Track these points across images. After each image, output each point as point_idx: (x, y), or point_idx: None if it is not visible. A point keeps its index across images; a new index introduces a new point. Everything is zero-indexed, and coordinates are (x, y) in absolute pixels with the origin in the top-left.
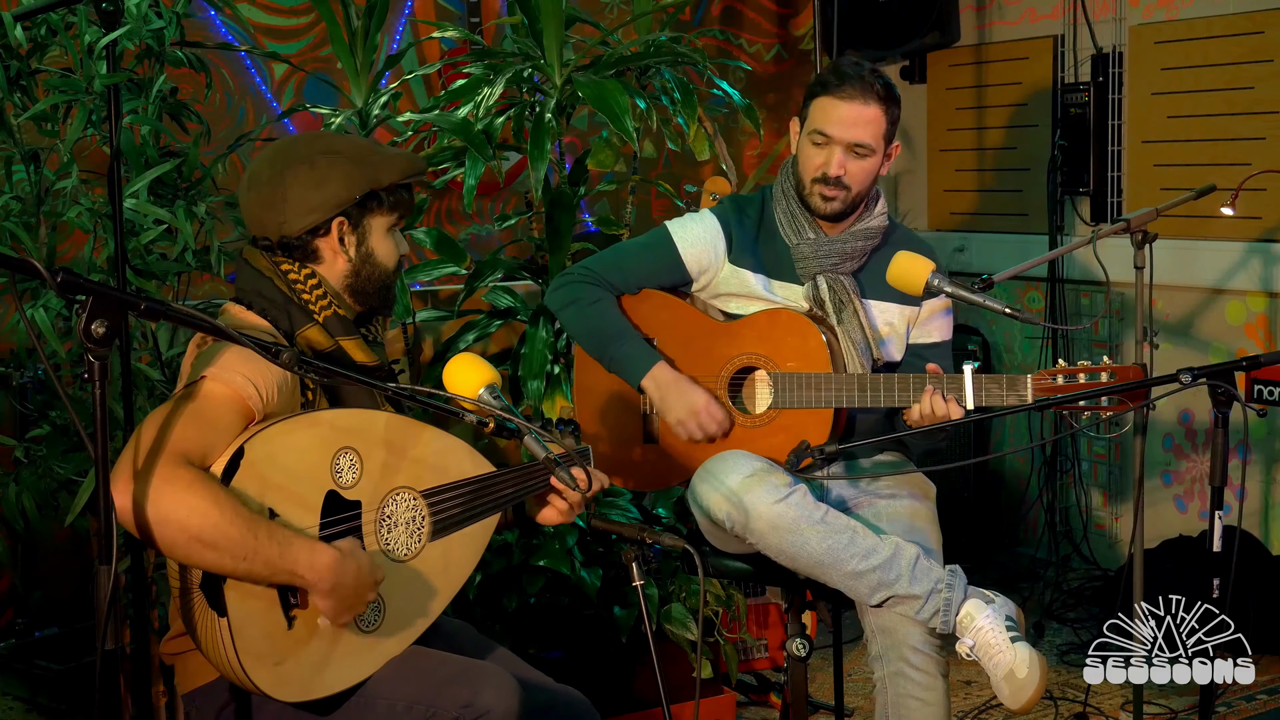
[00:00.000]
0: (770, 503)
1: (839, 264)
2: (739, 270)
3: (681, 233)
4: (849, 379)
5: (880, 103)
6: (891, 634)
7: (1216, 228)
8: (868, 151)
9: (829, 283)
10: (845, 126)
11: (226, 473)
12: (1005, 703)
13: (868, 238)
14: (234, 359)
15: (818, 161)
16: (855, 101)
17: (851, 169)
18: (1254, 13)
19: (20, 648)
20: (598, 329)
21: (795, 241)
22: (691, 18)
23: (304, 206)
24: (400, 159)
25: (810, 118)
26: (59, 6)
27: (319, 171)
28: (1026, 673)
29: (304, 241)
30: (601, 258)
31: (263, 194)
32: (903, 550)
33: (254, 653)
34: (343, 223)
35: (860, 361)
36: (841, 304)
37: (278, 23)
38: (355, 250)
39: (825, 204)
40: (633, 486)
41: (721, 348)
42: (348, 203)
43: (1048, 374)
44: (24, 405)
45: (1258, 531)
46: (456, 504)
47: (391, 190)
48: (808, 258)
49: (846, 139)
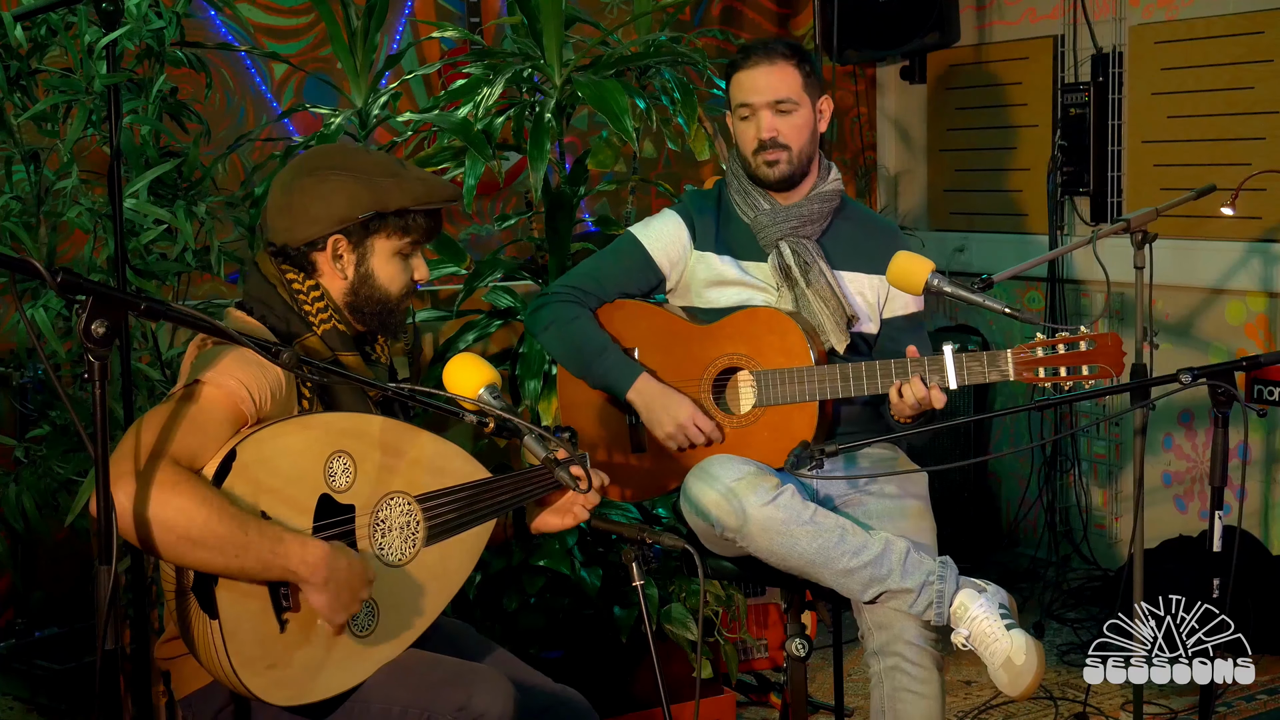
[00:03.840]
0: (759, 505)
1: (798, 227)
2: (705, 256)
3: (646, 233)
4: (831, 370)
5: (787, 59)
6: (887, 629)
7: (1216, 228)
8: (791, 106)
9: (792, 246)
10: (761, 91)
11: (218, 475)
12: (1004, 690)
13: (824, 200)
14: (230, 364)
15: (750, 133)
16: (762, 65)
17: (782, 127)
18: (1254, 13)
19: (20, 648)
20: (578, 347)
21: (753, 215)
22: (691, 18)
23: (305, 218)
24: (418, 185)
25: (732, 98)
26: (59, 6)
27: (326, 185)
28: (1024, 659)
29: (302, 253)
30: (574, 273)
31: (276, 199)
32: (893, 545)
33: (246, 656)
34: (340, 240)
35: (834, 324)
36: (806, 265)
37: (278, 23)
38: (354, 269)
39: (771, 169)
40: (625, 497)
41: (702, 351)
42: (349, 221)
43: (1027, 347)
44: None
45: (1258, 531)
46: (452, 509)
47: (401, 214)
48: (766, 227)
49: (766, 100)
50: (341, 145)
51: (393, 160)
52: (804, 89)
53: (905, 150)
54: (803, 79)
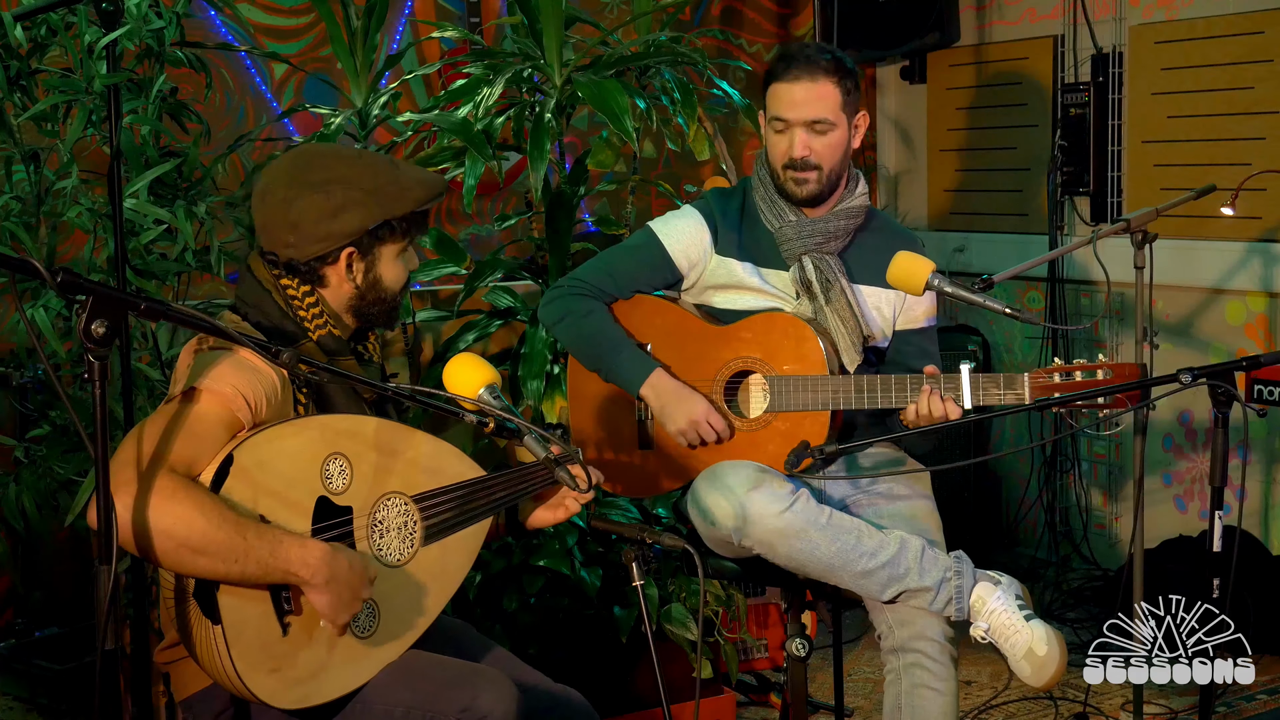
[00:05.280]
0: (776, 513)
1: (823, 243)
2: (726, 260)
3: (666, 230)
4: (845, 381)
5: (829, 75)
6: (909, 625)
7: (1216, 228)
8: (828, 126)
9: (815, 262)
10: (799, 107)
11: (216, 479)
12: (1028, 681)
13: (849, 217)
14: (226, 370)
15: (782, 148)
16: (803, 80)
17: (816, 147)
18: (1254, 13)
19: (20, 648)
20: (593, 341)
21: (778, 225)
22: (691, 18)
23: (314, 235)
24: (417, 186)
25: (768, 107)
26: (59, 6)
27: (334, 202)
28: (1046, 649)
29: (311, 268)
30: (591, 266)
31: (275, 213)
32: (908, 544)
33: (249, 660)
34: (352, 253)
35: (851, 343)
36: (828, 283)
37: (278, 23)
38: (363, 277)
39: (800, 188)
40: (629, 493)
41: (717, 351)
42: (360, 234)
43: (1045, 373)
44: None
45: (1258, 531)
46: (448, 508)
47: (404, 218)
48: (791, 239)
49: (803, 118)
50: (335, 149)
51: (387, 162)
52: (842, 107)
53: (905, 150)
54: (842, 97)
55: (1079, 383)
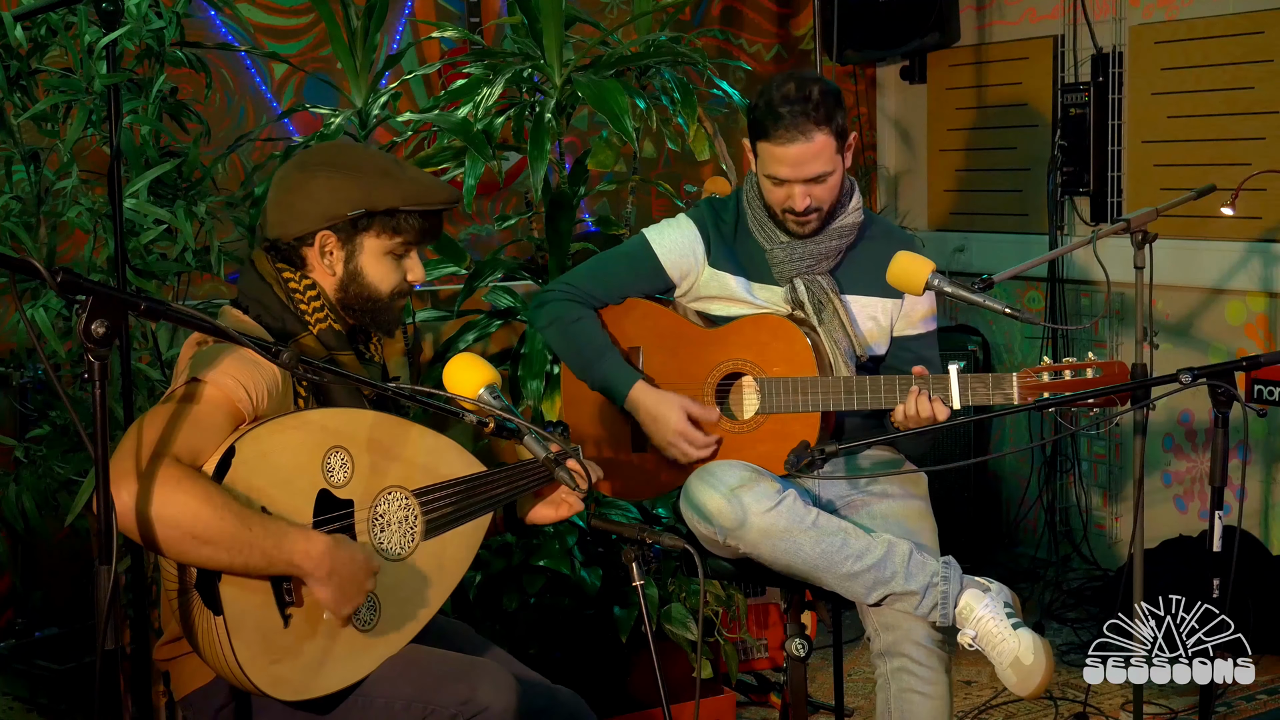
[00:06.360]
0: (761, 512)
1: (814, 265)
2: (719, 274)
3: (660, 240)
4: (835, 382)
5: (820, 127)
6: (895, 629)
7: (1216, 228)
8: (827, 175)
9: (806, 284)
10: (796, 167)
11: (218, 471)
12: (1014, 690)
13: (842, 236)
14: (228, 363)
15: (780, 196)
16: (798, 142)
17: (816, 193)
18: (1254, 13)
19: (20, 648)
20: (579, 348)
21: (769, 247)
22: (691, 18)
23: (295, 213)
24: (411, 186)
25: (760, 160)
26: (59, 6)
27: (317, 182)
28: (1033, 659)
29: (292, 247)
30: (582, 271)
31: (273, 192)
32: (895, 548)
33: (251, 651)
34: (328, 236)
35: (844, 361)
36: (821, 305)
37: (278, 23)
38: (342, 266)
39: (802, 228)
40: (626, 494)
41: (708, 354)
42: (337, 219)
43: (1033, 372)
44: (24, 405)
45: (1258, 531)
46: (449, 503)
47: (391, 214)
48: (782, 262)
49: (801, 177)
50: (341, 143)
51: (391, 160)
52: (837, 151)
53: (905, 150)
54: (837, 142)
55: (1068, 382)
